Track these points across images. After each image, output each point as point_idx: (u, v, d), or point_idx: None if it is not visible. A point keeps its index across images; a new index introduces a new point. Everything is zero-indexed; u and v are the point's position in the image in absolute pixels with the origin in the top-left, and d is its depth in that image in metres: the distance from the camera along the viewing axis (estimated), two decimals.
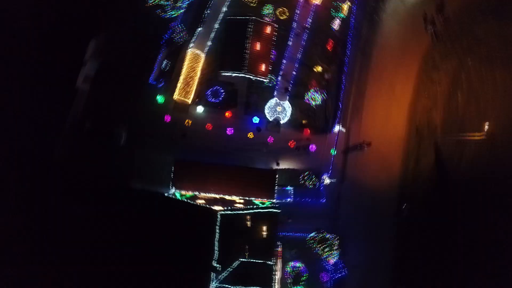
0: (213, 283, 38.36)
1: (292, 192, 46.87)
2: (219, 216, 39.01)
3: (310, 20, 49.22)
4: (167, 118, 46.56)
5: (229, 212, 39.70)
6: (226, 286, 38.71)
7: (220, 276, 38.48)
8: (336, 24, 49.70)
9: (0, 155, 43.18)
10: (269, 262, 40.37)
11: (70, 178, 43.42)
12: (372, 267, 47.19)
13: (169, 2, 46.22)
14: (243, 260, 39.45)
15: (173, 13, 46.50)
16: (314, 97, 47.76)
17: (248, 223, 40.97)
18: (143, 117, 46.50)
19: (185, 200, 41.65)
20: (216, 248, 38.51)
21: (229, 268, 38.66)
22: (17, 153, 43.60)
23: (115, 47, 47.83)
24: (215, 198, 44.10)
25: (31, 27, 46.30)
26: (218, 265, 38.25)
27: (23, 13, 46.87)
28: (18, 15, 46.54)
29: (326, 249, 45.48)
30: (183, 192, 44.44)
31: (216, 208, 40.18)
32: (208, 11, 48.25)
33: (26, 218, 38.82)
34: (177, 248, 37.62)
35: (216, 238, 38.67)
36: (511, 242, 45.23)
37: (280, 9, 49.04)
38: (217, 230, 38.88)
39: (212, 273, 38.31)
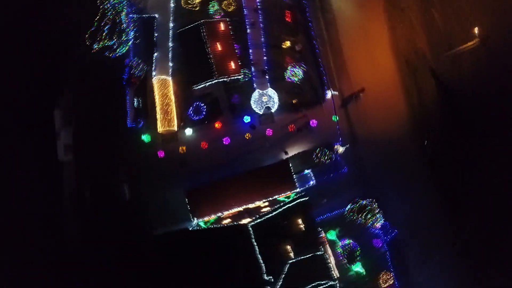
0: None
1: (311, 175, 44.71)
2: (250, 229, 36.84)
3: (259, 0, 46.81)
4: (161, 154, 44.37)
5: (259, 220, 37.47)
6: None
7: (277, 286, 36.35)
8: None
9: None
10: (319, 252, 38.25)
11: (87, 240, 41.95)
12: (420, 218, 45.14)
13: (115, 40, 43.90)
14: (292, 261, 37.28)
15: (122, 49, 44.19)
16: (294, 73, 45.43)
17: (281, 223, 38.71)
18: (137, 163, 44.39)
19: (211, 226, 39.46)
20: (261, 261, 36.37)
21: (281, 275, 36.52)
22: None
23: (81, 106, 45.70)
24: (240, 212, 42.01)
25: None
26: (269, 277, 36.15)
27: None
28: None
29: (368, 216, 43.35)
30: (206, 219, 42.34)
31: (245, 221, 38.01)
32: (156, 34, 45.91)
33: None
34: (222, 278, 35.69)
35: (256, 252, 36.53)
36: None
37: (225, 1, 46.63)
38: (254, 243, 36.72)
39: (266, 287, 36.24)
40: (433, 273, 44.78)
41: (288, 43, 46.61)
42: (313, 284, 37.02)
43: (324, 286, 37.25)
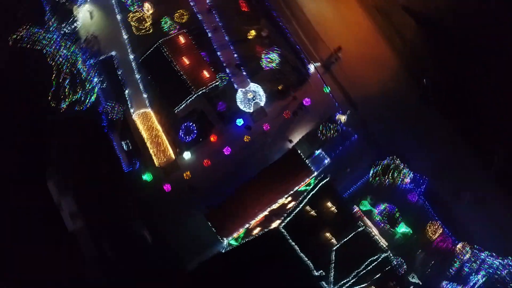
0: None
1: (323, 153, 42.67)
2: (283, 230, 34.74)
3: (209, 0, 44.68)
4: (167, 188, 42.34)
5: (288, 218, 35.34)
6: (345, 281, 34.49)
7: (330, 278, 34.28)
8: None
9: None
10: (360, 229, 36.09)
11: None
12: (445, 159, 43.06)
13: (81, 93, 41.77)
14: (336, 247, 35.19)
15: (91, 99, 42.05)
16: (270, 59, 43.31)
17: (312, 212, 36.62)
18: (147, 205, 42.38)
19: (244, 241, 37.34)
20: (305, 259, 34.28)
21: (331, 266, 34.44)
22: None
23: (72, 170, 43.66)
24: (266, 216, 39.90)
25: None
26: (320, 272, 34.07)
27: None
28: None
29: (395, 174, 41.29)
30: (235, 235, 40.25)
31: (274, 225, 35.91)
32: (120, 71, 43.87)
33: None
34: None
35: (298, 251, 34.44)
36: None
37: (176, 14, 44.53)
38: (293, 243, 34.63)
39: (321, 283, 34.13)
40: (473, 208, 42.78)
41: (253, 32, 44.48)
42: (366, 263, 34.88)
43: (378, 261, 35.10)
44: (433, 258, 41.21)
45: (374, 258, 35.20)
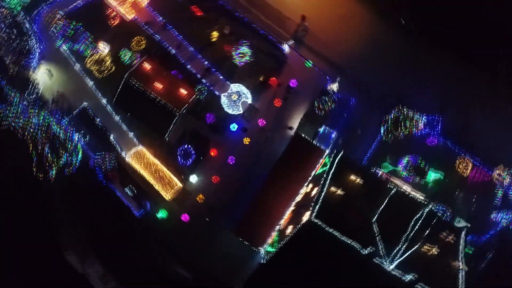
0: (387, 263, 32.06)
1: (327, 128, 40.69)
2: (315, 221, 32.61)
3: (159, 15, 42.54)
4: (185, 218, 40.28)
5: (317, 206, 33.20)
6: (397, 249, 32.48)
7: (381, 251, 32.19)
8: None
9: None
10: (392, 192, 34.03)
11: None
12: (449, 88, 41.33)
13: (65, 155, 39.62)
14: (375, 218, 33.07)
15: (78, 157, 39.89)
16: (242, 54, 41.34)
17: (338, 192, 34.49)
18: (171, 240, 40.35)
19: (281, 245, 35.21)
20: (349, 241, 32.19)
21: (377, 239, 32.34)
22: None
23: (85, 234, 41.61)
24: (294, 212, 37.86)
25: None
26: (368, 249, 31.97)
27: None
28: None
29: (407, 123, 39.20)
30: (269, 241, 38.27)
31: (305, 218, 33.82)
32: (98, 118, 41.83)
33: None
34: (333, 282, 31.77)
35: (338, 236, 32.33)
36: None
37: (133, 43, 42.42)
38: (330, 230, 32.51)
39: (374, 259, 32.02)
40: (491, 125, 40.87)
41: (215, 34, 42.41)
42: (412, 224, 32.77)
43: (423, 217, 32.98)
44: (473, 194, 39.32)
45: (418, 215, 33.12)
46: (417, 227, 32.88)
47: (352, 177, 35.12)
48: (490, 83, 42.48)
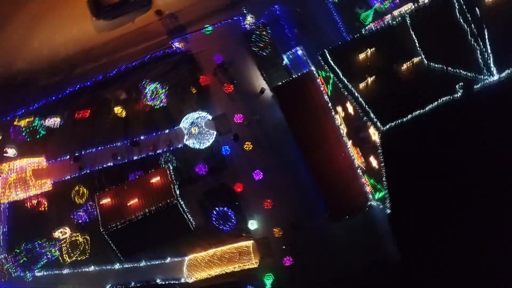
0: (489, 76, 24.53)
1: (288, 54, 34.60)
2: (390, 125, 24.65)
3: (66, 155, 35.39)
4: (289, 261, 33.55)
5: (373, 115, 25.22)
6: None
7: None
8: None
9: None
10: (407, 20, 26.80)
11: None
12: None
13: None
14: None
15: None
16: (154, 93, 34.71)
17: (368, 80, 26.77)
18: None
19: (384, 182, 27.44)
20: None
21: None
22: None
23: None
24: (355, 144, 30.93)
25: None
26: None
27: None
28: None
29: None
30: (369, 190, 31.29)
31: (375, 136, 26.00)
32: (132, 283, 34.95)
33: None
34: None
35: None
36: None
37: (77, 201, 35.39)
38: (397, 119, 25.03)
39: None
40: None
41: (118, 109, 35.34)
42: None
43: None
44: None
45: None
46: None
47: (360, 56, 27.64)
48: None
